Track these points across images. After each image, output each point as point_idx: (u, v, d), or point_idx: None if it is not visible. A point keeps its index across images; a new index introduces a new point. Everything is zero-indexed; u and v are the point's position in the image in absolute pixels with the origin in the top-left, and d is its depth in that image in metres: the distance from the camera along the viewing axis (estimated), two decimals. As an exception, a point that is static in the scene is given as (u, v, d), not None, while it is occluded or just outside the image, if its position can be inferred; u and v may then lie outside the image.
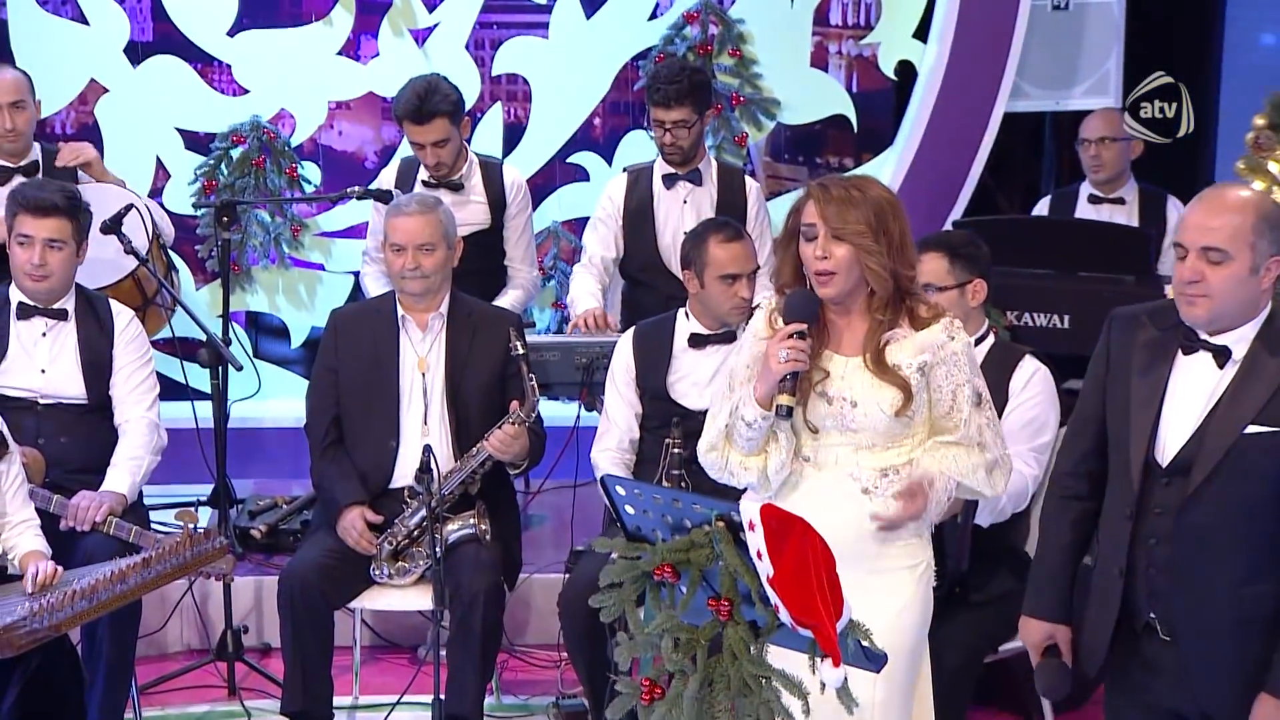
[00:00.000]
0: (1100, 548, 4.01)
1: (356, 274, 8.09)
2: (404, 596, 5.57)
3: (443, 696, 5.19)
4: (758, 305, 5.46)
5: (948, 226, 8.35)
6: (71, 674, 4.78)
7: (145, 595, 5.11)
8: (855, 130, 8.51)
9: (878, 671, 3.46)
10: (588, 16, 8.22)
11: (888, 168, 8.41)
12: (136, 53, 8.04)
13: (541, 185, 8.07)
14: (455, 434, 5.58)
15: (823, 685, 3.40)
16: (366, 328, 5.70)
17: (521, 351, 5.52)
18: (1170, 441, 3.86)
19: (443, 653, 5.76)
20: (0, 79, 6.41)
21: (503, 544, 5.56)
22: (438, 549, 5.09)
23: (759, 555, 3.34)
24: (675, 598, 3.52)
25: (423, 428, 5.61)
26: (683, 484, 5.26)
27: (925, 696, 4.31)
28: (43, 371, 5.59)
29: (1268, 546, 3.79)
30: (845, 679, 3.36)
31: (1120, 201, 7.80)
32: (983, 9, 8.25)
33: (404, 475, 5.58)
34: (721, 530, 3.41)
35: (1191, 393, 3.85)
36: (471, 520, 5.46)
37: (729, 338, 5.52)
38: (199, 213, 7.91)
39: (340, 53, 8.13)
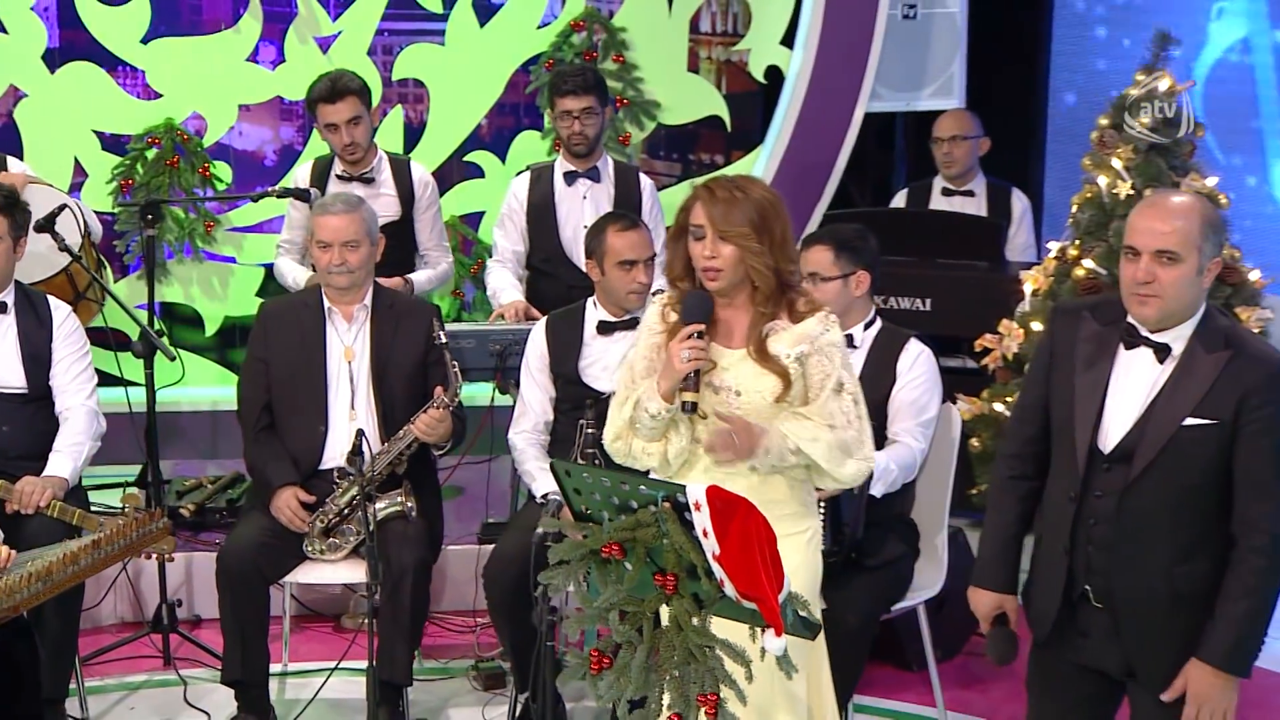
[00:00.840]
0: (1045, 526, 4.01)
1: (267, 266, 7.99)
2: (335, 571, 5.45)
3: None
4: (657, 291, 5.45)
5: (815, 219, 8.40)
6: (29, 652, 4.62)
7: (87, 573, 4.98)
8: (729, 130, 8.50)
9: (813, 639, 3.44)
10: (481, 25, 8.14)
11: (758, 165, 8.41)
12: (54, 59, 7.85)
13: (440, 182, 7.92)
14: (381, 418, 5.47)
15: (763, 652, 3.38)
16: (294, 319, 5.58)
17: (444, 340, 5.44)
18: (1113, 431, 3.85)
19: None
20: None
21: (427, 520, 5.46)
22: (372, 526, 4.99)
23: (705, 533, 3.31)
24: (621, 574, 3.47)
25: (350, 413, 5.50)
26: (595, 461, 5.20)
27: (820, 653, 4.28)
28: None
29: (1200, 529, 3.80)
30: (786, 647, 3.33)
31: (970, 194, 7.86)
32: (844, 19, 8.28)
33: (333, 458, 5.47)
34: (668, 510, 3.37)
35: (1133, 386, 3.84)
36: (399, 498, 5.37)
37: (634, 324, 5.47)
38: (115, 210, 7.76)
39: (249, 59, 7.99)
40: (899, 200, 8.13)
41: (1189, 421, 3.74)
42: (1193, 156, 6.52)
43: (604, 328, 5.48)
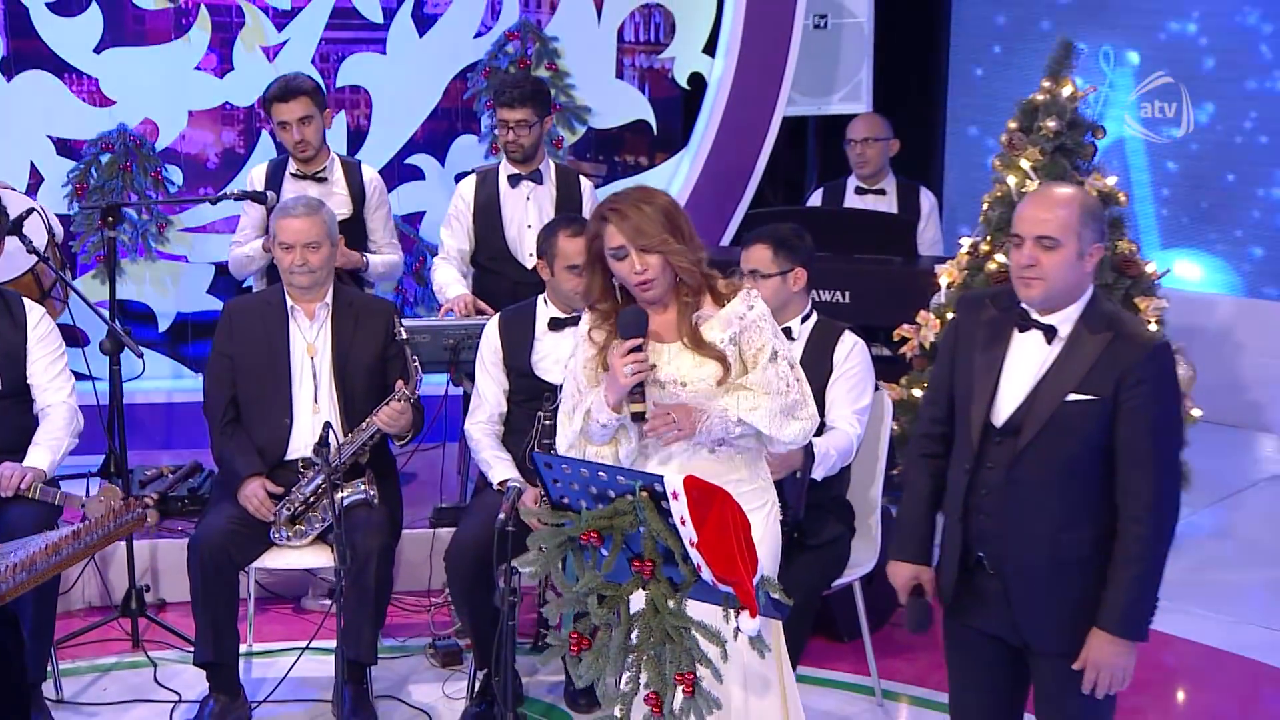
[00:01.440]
0: (946, 499, 4.01)
1: (216, 264, 7.90)
2: (301, 556, 5.38)
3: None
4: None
5: (737, 218, 8.41)
6: (14, 639, 4.51)
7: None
8: (655, 134, 8.48)
9: (783, 619, 3.42)
10: (420, 35, 8.08)
11: (683, 167, 8.41)
12: (9, 67, 7.69)
13: (382, 183, 7.90)
14: (344, 411, 5.38)
15: (735, 632, 3.35)
16: (258, 317, 5.49)
17: (405, 336, 5.38)
18: (1004, 406, 3.87)
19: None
20: None
21: (388, 507, 5.39)
22: (339, 513, 4.91)
23: (682, 521, 3.27)
24: (598, 560, 3.44)
25: (314, 406, 5.41)
26: (551, 450, 5.15)
27: (777, 624, 4.28)
28: None
29: (1083, 497, 3.81)
30: (760, 628, 3.31)
31: (882, 192, 7.87)
32: (762, 28, 8.28)
33: (298, 449, 5.39)
34: (645, 499, 3.34)
35: (1024, 365, 3.86)
36: (362, 486, 5.29)
37: None
38: (72, 211, 7.62)
39: (198, 67, 7.87)
40: (815, 199, 8.13)
41: (1072, 397, 3.77)
42: (1094, 157, 6.59)
43: (555, 324, 5.41)
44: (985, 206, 6.66)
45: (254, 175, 6.76)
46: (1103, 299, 3.91)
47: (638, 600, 3.42)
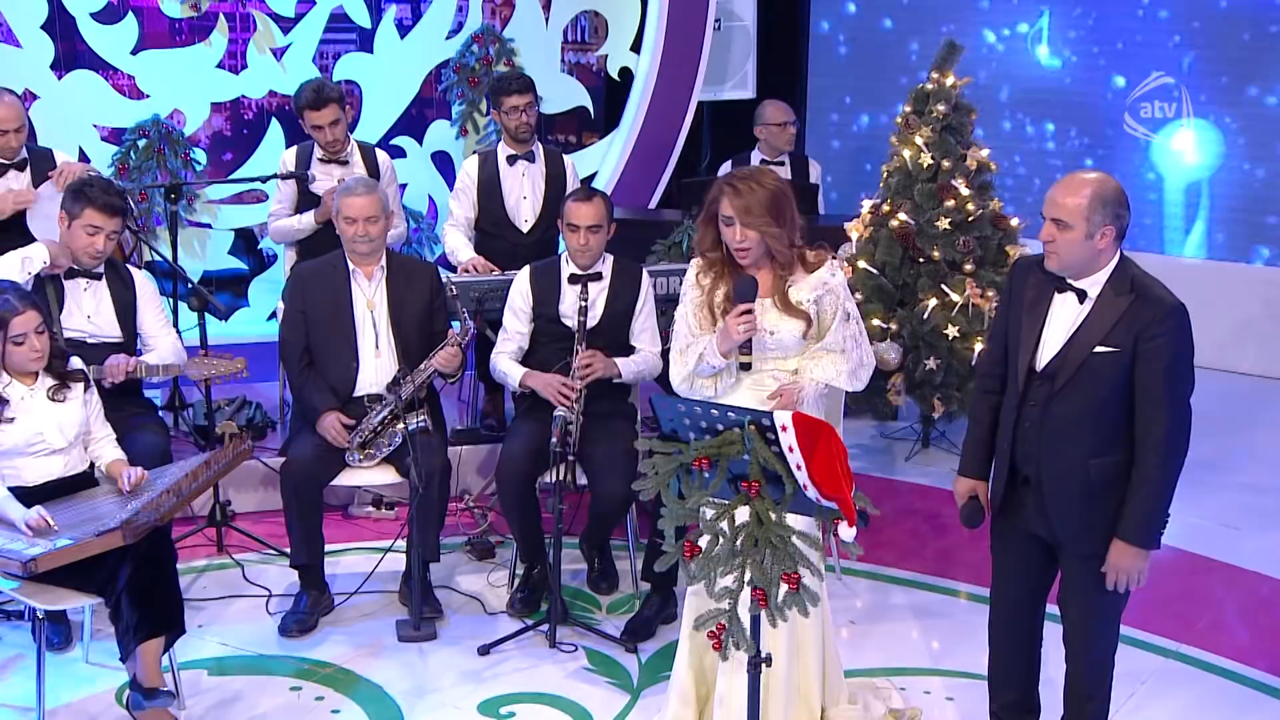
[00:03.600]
0: (1000, 429, 3.91)
1: (236, 231, 7.59)
2: (371, 474, 5.14)
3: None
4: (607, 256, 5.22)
5: (660, 188, 8.28)
6: (169, 551, 4.25)
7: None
8: (591, 118, 8.29)
9: (866, 527, 3.34)
10: (401, 37, 7.77)
11: (616, 144, 8.22)
12: (60, 67, 7.23)
13: (370, 162, 7.59)
14: (401, 355, 5.13)
15: (832, 536, 3.28)
16: (325, 279, 5.20)
17: (454, 292, 5.17)
18: (1044, 355, 3.77)
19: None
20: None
21: (439, 433, 5.19)
22: (413, 439, 4.74)
23: (790, 449, 3.17)
24: (704, 482, 3.32)
25: (375, 352, 5.17)
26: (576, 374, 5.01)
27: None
28: (89, 318, 4.99)
29: (1107, 432, 3.72)
30: (853, 535, 3.23)
31: (781, 163, 7.76)
32: (681, 29, 8.14)
33: (364, 387, 5.14)
34: (753, 431, 3.23)
35: (1061, 321, 3.76)
36: (422, 417, 5.06)
37: (597, 277, 5.22)
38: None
39: (219, 66, 7.47)
40: (725, 169, 8.00)
41: (1099, 349, 3.68)
42: (972, 134, 6.57)
43: (573, 279, 5.22)
44: (886, 175, 6.59)
45: (286, 157, 6.42)
46: (1129, 265, 3.76)
47: (741, 514, 3.32)
